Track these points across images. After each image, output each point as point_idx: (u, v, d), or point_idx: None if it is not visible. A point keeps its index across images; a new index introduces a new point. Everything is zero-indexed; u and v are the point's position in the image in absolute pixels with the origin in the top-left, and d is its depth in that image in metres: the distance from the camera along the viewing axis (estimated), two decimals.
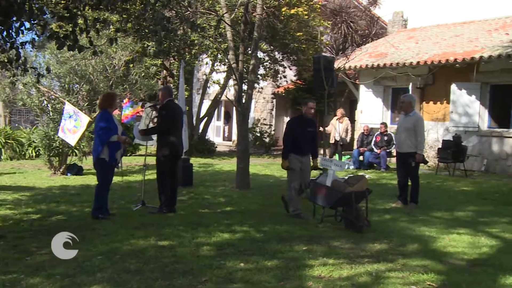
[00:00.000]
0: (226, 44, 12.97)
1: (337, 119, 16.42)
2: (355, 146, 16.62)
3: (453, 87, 15.23)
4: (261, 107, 25.08)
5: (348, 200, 6.97)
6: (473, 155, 14.63)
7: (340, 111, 16.54)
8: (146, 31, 9.17)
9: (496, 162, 14.60)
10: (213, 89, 23.03)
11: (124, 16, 8.64)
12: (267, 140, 22.10)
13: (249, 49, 13.10)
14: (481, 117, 15.02)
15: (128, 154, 17.71)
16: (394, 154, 12.57)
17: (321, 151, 11.71)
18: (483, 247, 6.13)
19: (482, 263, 5.42)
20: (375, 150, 15.30)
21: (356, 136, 17.36)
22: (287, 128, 8.24)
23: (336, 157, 15.69)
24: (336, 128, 16.28)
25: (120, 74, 14.32)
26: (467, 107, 15.00)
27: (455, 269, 5.17)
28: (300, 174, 8.01)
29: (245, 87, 11.98)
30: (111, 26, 9.51)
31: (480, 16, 37.47)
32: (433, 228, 7.16)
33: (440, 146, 14.66)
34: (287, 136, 8.05)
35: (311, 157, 8.15)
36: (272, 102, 25.07)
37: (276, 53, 19.83)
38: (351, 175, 8.10)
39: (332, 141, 16.32)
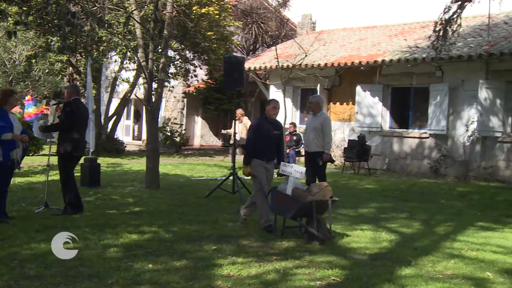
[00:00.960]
0: (136, 41, 12.70)
1: (236, 119, 16.49)
2: None
3: (358, 88, 15.89)
4: (172, 106, 24.81)
5: (309, 210, 6.32)
6: (376, 154, 15.36)
7: (239, 111, 16.51)
8: (49, 25, 8.74)
9: (397, 161, 15.42)
10: (122, 88, 22.44)
11: (25, 8, 8.20)
12: (177, 139, 21.90)
13: (159, 47, 12.91)
14: (383, 118, 15.80)
15: (31, 154, 16.83)
16: (303, 153, 12.91)
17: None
18: (383, 242, 6.45)
19: (381, 256, 5.70)
20: (284, 149, 15.61)
21: None
22: (249, 130, 7.46)
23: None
24: (235, 128, 16.29)
25: (21, 69, 13.58)
26: (371, 108, 15.70)
27: (358, 263, 5.41)
28: (266, 179, 7.28)
29: (155, 85, 11.78)
30: (9, 18, 8.93)
31: (382, 21, 39.34)
32: (339, 225, 7.42)
33: (346, 146, 15.26)
34: (249, 139, 7.28)
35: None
36: (183, 101, 24.89)
37: (187, 52, 19.70)
38: (316, 183, 7.26)
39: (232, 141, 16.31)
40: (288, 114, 17.81)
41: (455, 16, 10.98)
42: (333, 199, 6.57)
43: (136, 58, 13.84)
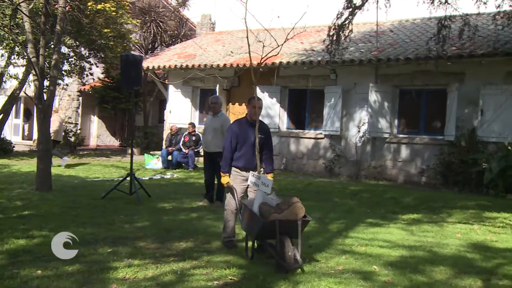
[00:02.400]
0: (25, 36, 11.99)
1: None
2: (163, 146, 16.66)
3: (257, 90, 16.10)
4: (66, 105, 23.74)
5: (271, 231, 5.23)
6: (274, 154, 15.65)
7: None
8: None
9: (294, 161, 15.86)
10: (10, 84, 21.11)
11: None
12: (72, 139, 20.98)
13: (51, 43, 12.30)
14: (281, 118, 16.18)
15: None
16: (202, 153, 12.89)
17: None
18: None
19: None
20: (183, 149, 15.51)
21: (164, 136, 17.48)
22: (227, 133, 6.39)
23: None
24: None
25: None
26: (269, 109, 16.02)
27: (255, 262, 5.49)
28: (250, 193, 6.23)
29: (47, 83, 11.19)
30: None
31: (279, 24, 40.21)
32: (237, 224, 7.47)
33: None
34: (226, 144, 6.24)
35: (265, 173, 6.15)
36: (78, 100, 23.91)
37: (82, 49, 18.92)
38: (287, 198, 5.61)
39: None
40: (187, 114, 17.77)
41: (347, 22, 11.53)
42: (305, 219, 5.30)
43: (25, 53, 13.07)
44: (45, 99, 10.31)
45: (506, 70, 12.49)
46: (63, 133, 17.56)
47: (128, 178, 9.75)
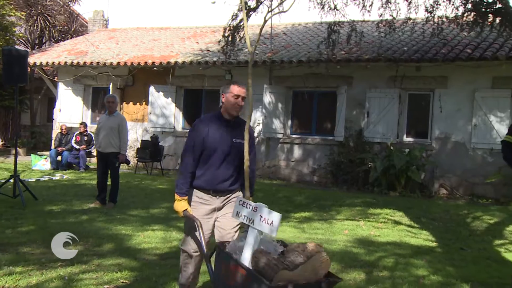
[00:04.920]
0: None
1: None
2: (52, 146, 15.86)
3: (151, 89, 15.87)
4: None
5: None
6: (169, 154, 15.53)
7: None
8: None
9: None
10: None
11: None
12: None
13: None
14: (176, 118, 16.04)
15: None
16: (94, 154, 12.44)
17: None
18: (173, 241, 6.54)
19: (172, 256, 5.76)
20: (77, 147, 14.86)
21: (53, 136, 16.64)
22: (188, 137, 4.13)
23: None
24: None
25: None
26: (164, 109, 15.81)
27: (148, 264, 5.39)
28: (217, 232, 4.12)
29: None
30: None
31: (175, 23, 40.01)
32: (130, 226, 7.32)
33: (139, 146, 15.13)
34: (186, 152, 4.06)
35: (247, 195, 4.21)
36: None
37: None
38: (299, 243, 3.36)
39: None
40: (79, 113, 17.07)
41: (242, 23, 11.66)
42: (333, 279, 3.08)
43: None
44: None
45: (389, 74, 13.30)
46: None
47: (12, 180, 9.15)
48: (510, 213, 9.86)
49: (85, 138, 14.99)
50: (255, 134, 14.55)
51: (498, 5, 10.19)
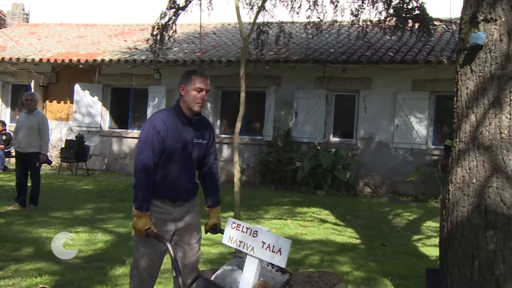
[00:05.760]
0: None
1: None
2: None
3: (77, 87, 15.38)
4: None
5: None
6: (95, 154, 15.10)
7: None
8: None
9: (116, 161, 15.42)
10: None
11: None
12: None
13: None
14: (103, 117, 15.63)
15: None
16: (14, 154, 11.88)
17: None
18: (98, 243, 6.37)
19: (96, 258, 5.63)
20: None
21: None
22: (143, 139, 3.40)
23: None
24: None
25: None
26: (90, 107, 15.37)
27: (70, 267, 5.23)
28: (178, 251, 3.52)
29: None
30: None
31: (102, 20, 39.04)
32: (52, 229, 7.06)
33: (63, 146, 14.62)
34: (143, 157, 3.35)
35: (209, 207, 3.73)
36: None
37: None
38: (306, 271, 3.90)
39: None
40: None
41: (170, 22, 11.56)
42: None
43: None
44: None
45: (316, 76, 13.57)
46: None
47: None
48: (427, 210, 10.35)
49: (4, 138, 14.31)
50: None
51: (417, 12, 10.70)
